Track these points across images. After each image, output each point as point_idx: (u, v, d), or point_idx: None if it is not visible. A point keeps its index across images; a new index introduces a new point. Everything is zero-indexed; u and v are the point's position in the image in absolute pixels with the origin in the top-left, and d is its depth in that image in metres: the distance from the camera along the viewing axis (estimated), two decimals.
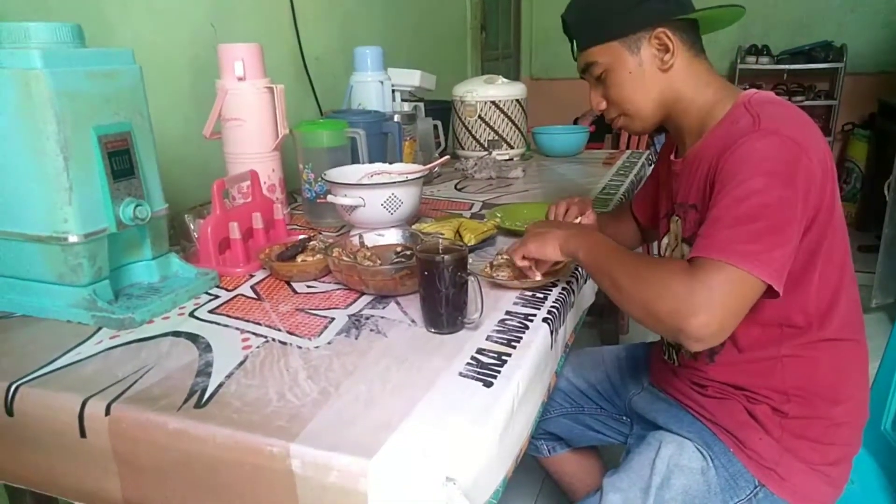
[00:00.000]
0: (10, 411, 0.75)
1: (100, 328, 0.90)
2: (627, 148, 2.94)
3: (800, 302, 0.89)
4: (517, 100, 2.06)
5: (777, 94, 0.90)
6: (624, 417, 1.21)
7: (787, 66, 4.10)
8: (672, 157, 1.02)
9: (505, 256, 1.04)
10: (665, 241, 1.07)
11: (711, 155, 0.87)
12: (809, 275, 0.88)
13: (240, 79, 1.28)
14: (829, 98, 4.11)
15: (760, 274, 0.75)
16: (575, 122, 3.26)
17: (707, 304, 0.74)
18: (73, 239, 0.87)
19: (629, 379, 1.20)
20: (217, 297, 1.01)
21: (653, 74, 0.94)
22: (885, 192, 2.79)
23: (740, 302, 0.76)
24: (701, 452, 0.95)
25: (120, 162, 0.91)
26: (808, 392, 0.92)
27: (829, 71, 4.06)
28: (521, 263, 0.96)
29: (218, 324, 0.91)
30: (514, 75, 4.53)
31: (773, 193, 0.77)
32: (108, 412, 0.70)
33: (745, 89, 0.94)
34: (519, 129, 2.07)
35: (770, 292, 0.78)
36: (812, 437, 0.92)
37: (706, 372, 0.98)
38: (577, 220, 1.06)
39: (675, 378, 1.05)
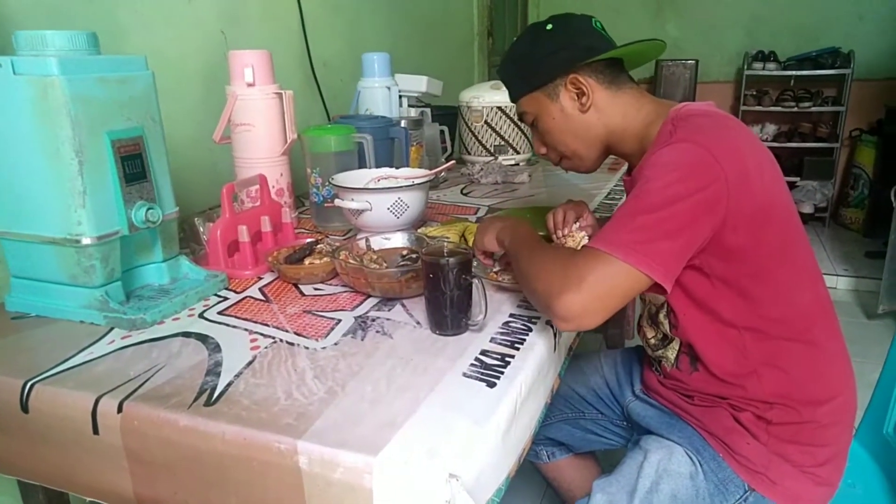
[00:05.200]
0: (25, 408, 0.77)
1: (112, 328, 0.92)
2: None
3: (757, 305, 0.90)
4: None
5: (784, 100, 0.92)
6: (624, 422, 1.22)
7: (794, 72, 4.06)
8: (625, 175, 1.06)
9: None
10: None
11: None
12: (759, 278, 0.89)
13: (249, 85, 1.30)
14: (837, 104, 4.08)
15: (636, 263, 0.77)
16: None
17: (575, 285, 0.77)
18: (86, 241, 0.89)
19: (625, 384, 1.21)
20: (226, 298, 1.03)
21: (576, 117, 1.00)
22: (893, 199, 2.79)
23: (610, 289, 0.78)
24: (690, 458, 0.97)
25: (132, 166, 0.93)
26: (788, 399, 0.92)
27: (837, 77, 4.04)
28: (483, 260, 1.05)
29: (227, 325, 0.93)
30: None
31: (668, 192, 0.80)
32: (120, 409, 0.72)
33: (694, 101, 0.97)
34: (525, 135, 2.09)
35: (659, 288, 0.80)
36: (800, 441, 0.93)
37: (689, 383, 1.00)
38: (576, 225, 1.08)
39: (663, 387, 1.07)
